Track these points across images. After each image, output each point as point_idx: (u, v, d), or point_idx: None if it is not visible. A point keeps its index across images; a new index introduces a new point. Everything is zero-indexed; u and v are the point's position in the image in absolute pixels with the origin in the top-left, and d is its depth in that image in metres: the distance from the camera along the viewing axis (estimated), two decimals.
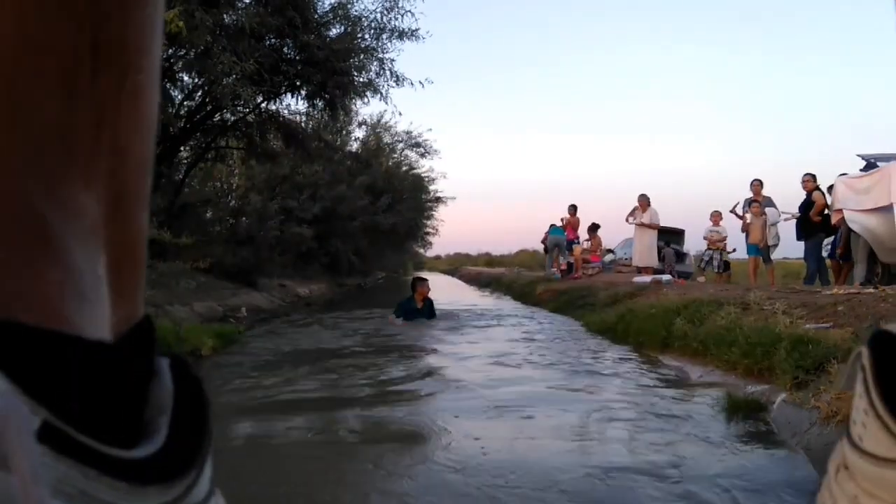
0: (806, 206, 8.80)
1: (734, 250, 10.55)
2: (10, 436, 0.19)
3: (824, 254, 8.88)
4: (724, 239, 10.88)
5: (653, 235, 11.59)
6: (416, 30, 10.25)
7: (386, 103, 12.18)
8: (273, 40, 9.31)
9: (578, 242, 13.62)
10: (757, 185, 9.67)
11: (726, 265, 10.84)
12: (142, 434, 0.23)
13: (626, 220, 11.87)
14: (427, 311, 8.15)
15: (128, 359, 0.24)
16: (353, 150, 21.05)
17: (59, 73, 0.22)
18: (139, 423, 0.24)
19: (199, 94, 9.97)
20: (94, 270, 0.24)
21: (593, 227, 14.36)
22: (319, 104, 10.44)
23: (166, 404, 0.24)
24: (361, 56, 9.96)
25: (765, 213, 9.39)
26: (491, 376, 4.30)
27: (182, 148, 10.87)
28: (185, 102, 10.06)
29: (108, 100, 0.23)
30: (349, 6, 9.91)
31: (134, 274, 0.27)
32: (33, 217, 0.22)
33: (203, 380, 0.26)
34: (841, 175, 7.79)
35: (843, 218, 7.53)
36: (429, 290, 8.21)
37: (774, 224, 9.47)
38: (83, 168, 0.23)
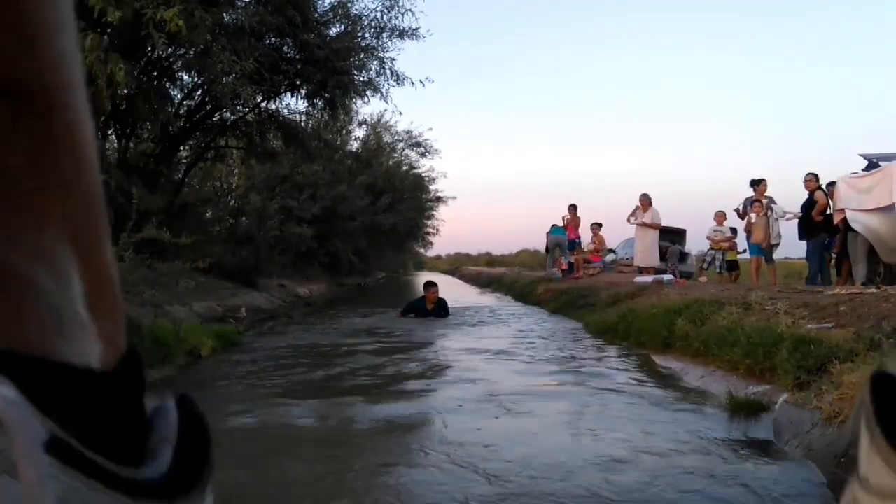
0: (808, 205, 8.78)
1: (744, 251, 10.51)
2: (20, 444, 0.19)
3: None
4: (729, 239, 10.85)
5: (654, 235, 11.58)
6: (417, 28, 10.23)
7: (386, 102, 12.18)
8: (273, 39, 9.28)
9: (580, 242, 13.61)
10: (762, 185, 9.64)
11: (735, 265, 10.78)
12: (147, 459, 0.25)
13: (628, 220, 11.85)
14: (437, 311, 8.55)
15: (119, 385, 0.25)
16: (354, 149, 21.06)
17: None
18: (143, 448, 0.26)
19: (199, 93, 9.94)
20: (73, 306, 0.24)
21: (597, 226, 14.46)
22: (319, 103, 10.41)
23: (171, 435, 0.26)
24: (361, 55, 9.93)
25: (771, 209, 9.37)
26: (491, 374, 4.29)
27: (181, 147, 10.85)
28: (184, 102, 10.03)
29: (40, 141, 0.23)
30: (349, 5, 9.89)
31: (110, 307, 0.27)
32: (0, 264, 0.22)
33: (206, 417, 0.28)
34: (853, 174, 7.78)
35: (844, 218, 7.51)
36: (436, 294, 8.64)
37: (780, 219, 9.45)
38: (34, 209, 0.23)
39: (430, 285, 8.78)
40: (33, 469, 0.19)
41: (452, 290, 15.05)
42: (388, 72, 10.23)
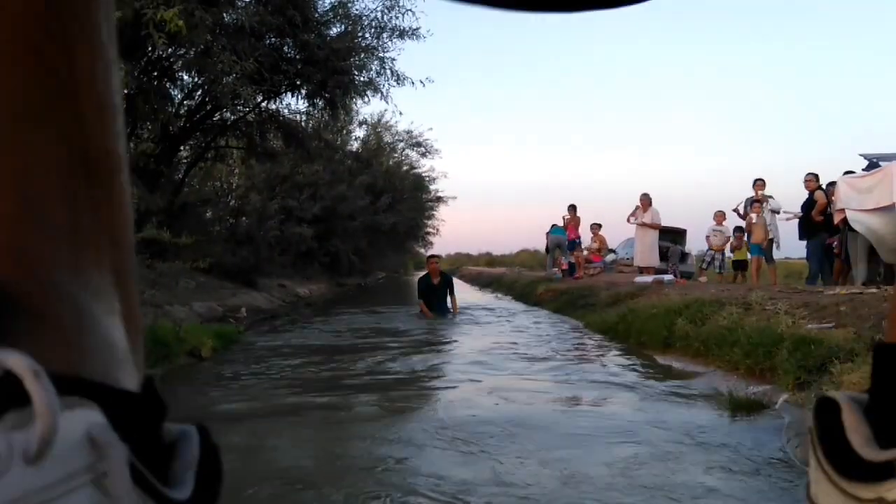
0: (808, 205, 8.80)
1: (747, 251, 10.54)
2: (114, 465, 0.22)
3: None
4: (728, 240, 10.88)
5: (654, 235, 11.59)
6: (417, 28, 10.23)
7: (386, 102, 12.18)
8: (273, 39, 9.28)
9: (580, 242, 13.63)
10: (759, 184, 9.67)
11: (743, 264, 10.77)
12: (171, 481, 0.28)
13: (628, 220, 11.87)
14: (444, 287, 8.81)
15: (150, 408, 0.29)
16: (354, 149, 21.05)
17: (62, 186, 0.26)
18: (167, 470, 0.28)
19: (199, 93, 9.94)
20: (120, 339, 0.28)
21: (597, 226, 14.54)
22: (320, 103, 10.42)
23: (193, 461, 0.29)
24: (362, 55, 9.94)
25: (767, 201, 9.41)
26: (491, 372, 4.29)
27: (182, 147, 10.85)
28: (184, 102, 10.03)
29: (104, 202, 0.28)
30: (349, 5, 9.89)
31: (138, 340, 0.31)
32: (72, 301, 0.26)
33: (220, 449, 0.31)
34: (847, 172, 7.79)
35: (844, 218, 7.52)
36: (437, 265, 9.03)
37: (776, 212, 9.47)
38: (94, 258, 0.27)
39: (431, 257, 9.24)
40: (122, 485, 0.22)
41: None
42: (388, 72, 10.24)
